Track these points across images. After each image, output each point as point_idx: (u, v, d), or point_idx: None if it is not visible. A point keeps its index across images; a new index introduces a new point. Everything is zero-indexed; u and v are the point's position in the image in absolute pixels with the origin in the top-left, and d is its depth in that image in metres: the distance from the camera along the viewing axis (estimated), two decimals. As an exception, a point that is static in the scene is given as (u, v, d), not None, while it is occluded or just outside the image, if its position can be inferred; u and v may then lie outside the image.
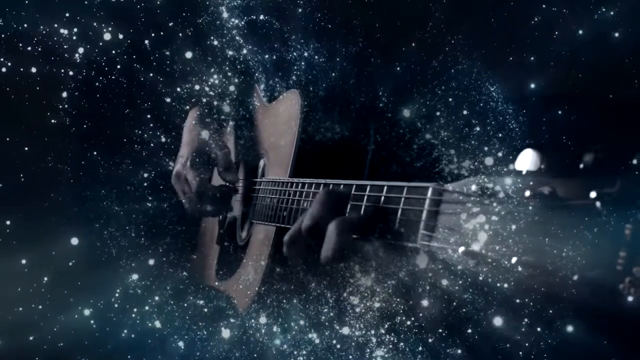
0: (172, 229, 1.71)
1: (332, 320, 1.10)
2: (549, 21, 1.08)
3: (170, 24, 1.60)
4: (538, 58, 1.07)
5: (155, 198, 1.67)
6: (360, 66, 1.24)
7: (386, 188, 0.81)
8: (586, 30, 1.03)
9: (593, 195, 0.52)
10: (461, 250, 0.64)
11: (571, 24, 1.05)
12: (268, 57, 1.42)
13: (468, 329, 0.94)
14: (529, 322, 0.77)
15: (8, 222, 1.68)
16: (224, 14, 1.47)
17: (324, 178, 1.00)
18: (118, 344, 1.61)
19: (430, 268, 0.72)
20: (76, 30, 1.64)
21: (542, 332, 0.81)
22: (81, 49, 1.65)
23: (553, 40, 1.06)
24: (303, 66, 1.31)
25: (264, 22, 1.43)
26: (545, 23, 1.08)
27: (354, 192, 0.87)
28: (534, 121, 1.02)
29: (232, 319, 1.32)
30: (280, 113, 1.34)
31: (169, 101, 1.57)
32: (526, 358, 0.86)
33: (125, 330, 1.60)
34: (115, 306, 1.64)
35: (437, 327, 0.98)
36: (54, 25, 1.64)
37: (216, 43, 1.48)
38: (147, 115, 1.67)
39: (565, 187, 0.56)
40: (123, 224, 1.71)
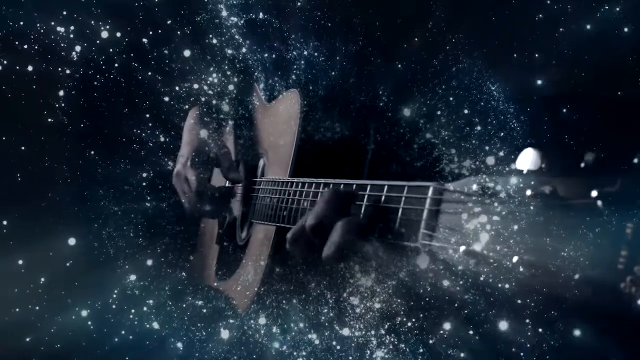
0: (171, 230, 1.72)
1: (332, 321, 1.11)
2: (551, 20, 1.08)
3: (168, 22, 1.60)
4: (539, 57, 1.07)
5: (154, 198, 1.67)
6: (360, 65, 1.25)
7: (387, 188, 0.82)
8: (588, 29, 1.04)
9: (594, 194, 0.52)
10: (462, 250, 0.64)
11: (573, 23, 1.05)
12: (267, 56, 1.42)
13: (468, 329, 0.95)
14: (530, 322, 0.77)
15: (5, 223, 1.68)
16: (223, 13, 1.47)
17: (324, 178, 1.01)
18: (116, 346, 1.60)
19: (431, 268, 0.72)
20: (73, 28, 1.64)
21: (543, 332, 0.82)
22: (78, 48, 1.65)
23: (554, 39, 1.07)
24: (303, 65, 1.31)
25: (264, 21, 1.43)
26: (546, 22, 1.08)
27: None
28: (535, 120, 1.03)
29: (232, 320, 1.32)
30: (280, 113, 1.34)
31: (168, 100, 1.57)
32: (527, 358, 0.86)
33: (123, 331, 1.59)
34: (113, 307, 1.64)
35: (438, 328, 0.99)
36: (51, 23, 1.64)
37: (215, 42, 1.48)
38: (146, 114, 1.67)
39: (566, 187, 0.56)
40: (121, 225, 1.71)
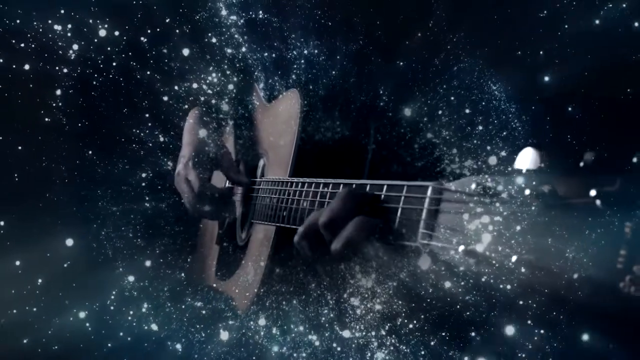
0: (170, 230, 1.72)
1: (332, 321, 1.11)
2: (552, 19, 1.08)
3: (167, 20, 1.61)
4: (539, 57, 1.08)
5: (152, 198, 1.67)
6: (360, 64, 1.25)
7: (386, 187, 0.83)
8: (590, 28, 1.04)
9: (593, 193, 0.52)
10: (461, 249, 0.65)
11: (575, 22, 1.06)
12: (267, 56, 1.42)
13: (468, 330, 0.95)
14: (529, 321, 0.78)
15: (2, 223, 1.68)
16: (223, 11, 1.47)
17: (324, 178, 1.01)
18: (114, 347, 1.61)
19: (430, 268, 0.73)
20: (70, 26, 1.64)
21: (542, 331, 0.82)
22: (76, 46, 1.65)
23: (556, 38, 1.07)
24: (303, 65, 1.32)
25: (263, 20, 1.44)
26: (548, 21, 1.09)
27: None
28: (535, 120, 1.03)
29: (231, 321, 1.33)
30: (279, 112, 1.35)
31: (166, 100, 1.58)
32: (527, 358, 0.87)
33: (121, 333, 1.60)
34: (111, 308, 1.64)
35: (438, 329, 0.99)
36: (48, 21, 1.64)
37: (214, 41, 1.49)
38: (144, 113, 1.68)
39: (565, 186, 0.56)
40: (119, 225, 1.72)
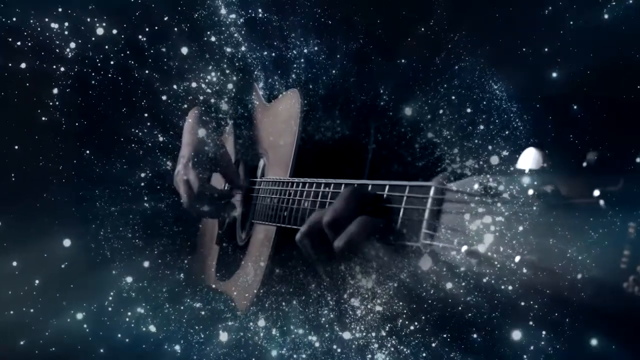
0: (169, 230, 1.72)
1: (333, 322, 1.11)
2: (554, 18, 1.09)
3: (165, 19, 1.61)
4: (542, 55, 1.08)
5: (151, 198, 1.67)
6: (361, 64, 1.25)
7: (388, 187, 0.83)
8: (592, 27, 1.04)
9: (596, 193, 0.52)
10: (464, 249, 0.65)
11: (577, 21, 1.06)
12: (267, 55, 1.43)
13: (470, 331, 0.96)
14: (532, 322, 0.78)
15: (-1, 223, 1.69)
16: (222, 10, 1.48)
17: (325, 178, 1.02)
18: (112, 349, 1.61)
19: (432, 269, 0.73)
20: (67, 24, 1.64)
21: (545, 332, 0.83)
22: (73, 44, 1.65)
23: (558, 37, 1.08)
24: (303, 64, 1.32)
25: (263, 19, 1.44)
26: (550, 20, 1.09)
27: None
28: (537, 119, 1.04)
29: (231, 321, 1.33)
30: (280, 112, 1.35)
31: (165, 99, 1.58)
32: (529, 359, 0.87)
33: (119, 334, 1.60)
34: (109, 309, 1.65)
35: (440, 330, 1.00)
36: (45, 19, 1.64)
37: (214, 39, 1.49)
38: (142, 113, 1.68)
39: (568, 186, 0.57)
40: (117, 225, 1.72)
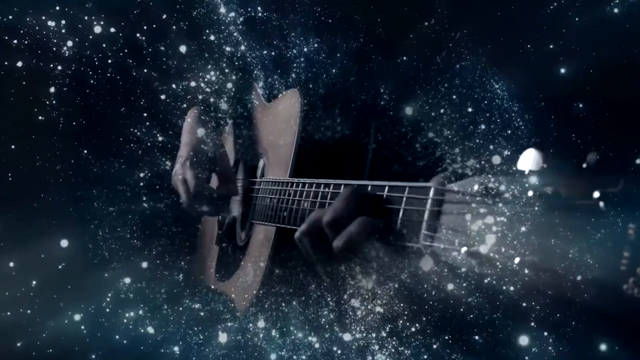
0: (167, 231, 1.73)
1: (333, 323, 1.12)
2: (556, 16, 1.09)
3: (163, 17, 1.61)
4: (544, 55, 1.09)
5: (149, 198, 1.68)
6: (361, 63, 1.26)
7: (388, 188, 0.83)
8: (595, 26, 1.05)
9: (596, 195, 0.53)
10: (464, 250, 0.66)
11: (580, 19, 1.06)
12: (267, 54, 1.43)
13: (471, 332, 0.96)
14: (532, 323, 0.78)
15: (-4, 224, 1.69)
16: (221, 8, 1.48)
17: (325, 178, 1.02)
18: (109, 350, 1.61)
19: (432, 270, 0.74)
20: (65, 22, 1.64)
21: (545, 333, 0.83)
22: (70, 43, 1.65)
23: (560, 36, 1.08)
24: (303, 63, 1.33)
25: (262, 17, 1.44)
26: (552, 18, 1.10)
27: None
28: (538, 119, 1.04)
29: (230, 322, 1.34)
30: (279, 112, 1.36)
31: (164, 98, 1.58)
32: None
33: (117, 335, 1.60)
34: (106, 311, 1.65)
35: (440, 331, 1.00)
36: (42, 17, 1.64)
37: (213, 38, 1.49)
38: (141, 112, 1.68)
39: (568, 187, 0.57)
40: (116, 226, 1.72)
